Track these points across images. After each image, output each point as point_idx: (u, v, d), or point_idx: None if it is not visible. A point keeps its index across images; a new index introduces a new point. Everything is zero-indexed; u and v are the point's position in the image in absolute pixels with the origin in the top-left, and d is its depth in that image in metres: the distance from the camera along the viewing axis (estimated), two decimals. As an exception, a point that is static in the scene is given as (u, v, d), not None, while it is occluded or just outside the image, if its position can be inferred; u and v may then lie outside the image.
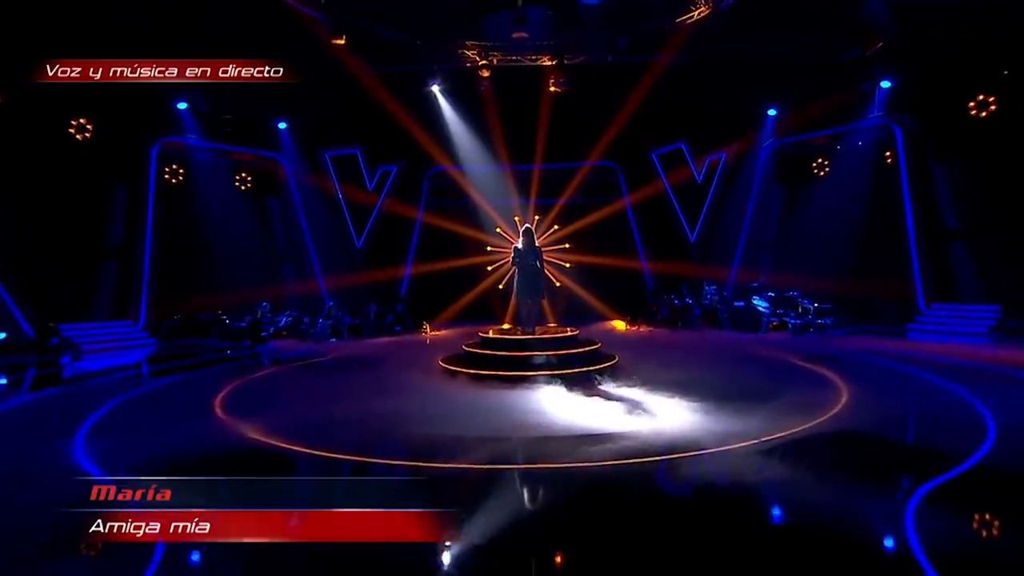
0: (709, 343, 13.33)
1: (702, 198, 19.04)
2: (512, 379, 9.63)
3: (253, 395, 9.37)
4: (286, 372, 11.43)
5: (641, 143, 19.31)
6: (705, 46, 15.84)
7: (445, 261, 19.53)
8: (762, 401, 7.82)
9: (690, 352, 11.75)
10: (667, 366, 10.16)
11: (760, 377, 9.35)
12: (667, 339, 14.45)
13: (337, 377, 10.58)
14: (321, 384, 10.04)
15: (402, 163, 19.60)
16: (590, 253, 19.46)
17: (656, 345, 13.05)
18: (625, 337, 14.98)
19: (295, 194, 18.64)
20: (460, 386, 9.32)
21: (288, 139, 18.38)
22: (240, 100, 17.10)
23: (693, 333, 15.59)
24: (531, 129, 18.23)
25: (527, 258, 10.94)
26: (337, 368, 11.65)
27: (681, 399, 7.94)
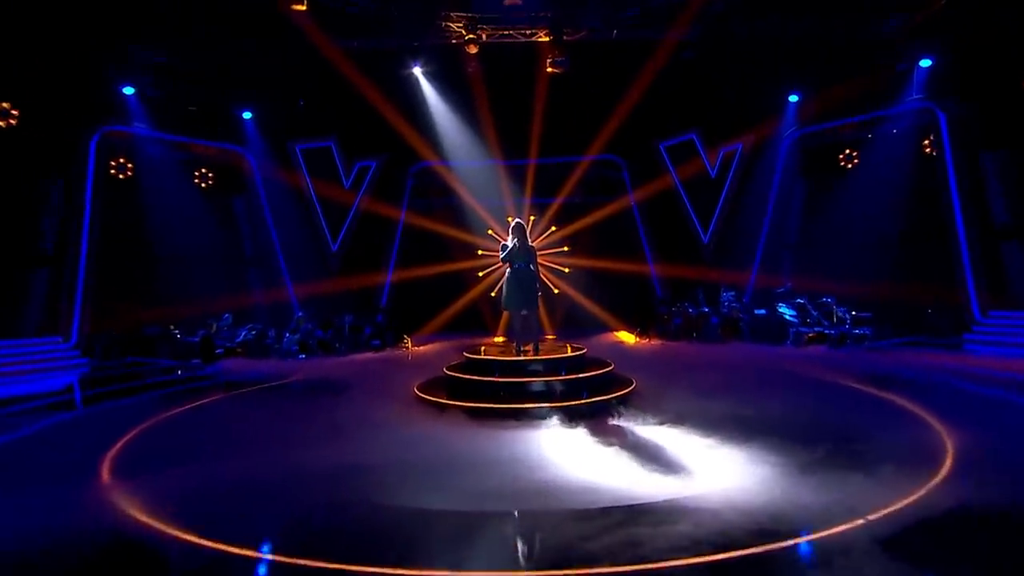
0: (739, 360, 11.31)
1: (716, 194, 17.10)
2: (506, 413, 7.61)
3: (169, 439, 7.30)
4: (229, 402, 9.35)
5: (648, 134, 17.36)
6: (719, 22, 13.95)
7: (431, 267, 17.57)
8: (842, 449, 5.85)
9: (721, 372, 9.73)
10: (699, 393, 8.16)
11: (823, 410, 7.37)
12: (687, 355, 12.42)
13: (289, 410, 8.51)
14: (265, 421, 7.97)
15: (382, 158, 17.58)
16: (592, 257, 17.65)
17: (677, 364, 11.03)
18: (637, 353, 12.96)
19: (261, 192, 16.57)
20: (439, 424, 7.29)
21: (254, 131, 16.34)
22: (197, 85, 15.08)
23: (714, 347, 13.58)
24: (525, 118, 16.24)
25: (518, 259, 8.95)
26: (293, 396, 9.58)
27: (735, 446, 5.95)
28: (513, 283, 8.99)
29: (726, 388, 8.44)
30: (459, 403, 8.00)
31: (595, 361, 9.26)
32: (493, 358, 8.73)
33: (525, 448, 6.30)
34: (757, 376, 9.47)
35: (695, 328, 15.14)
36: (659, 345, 14.52)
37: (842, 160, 15.76)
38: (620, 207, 18.02)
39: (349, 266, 17.31)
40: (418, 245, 18.05)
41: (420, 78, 15.61)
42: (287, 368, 12.14)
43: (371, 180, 17.60)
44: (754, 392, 8.13)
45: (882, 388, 8.30)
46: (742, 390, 8.25)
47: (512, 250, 8.97)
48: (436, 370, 9.46)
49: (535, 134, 16.74)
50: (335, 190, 17.23)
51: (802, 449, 5.78)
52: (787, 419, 6.86)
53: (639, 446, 6.12)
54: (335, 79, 14.73)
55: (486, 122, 16.53)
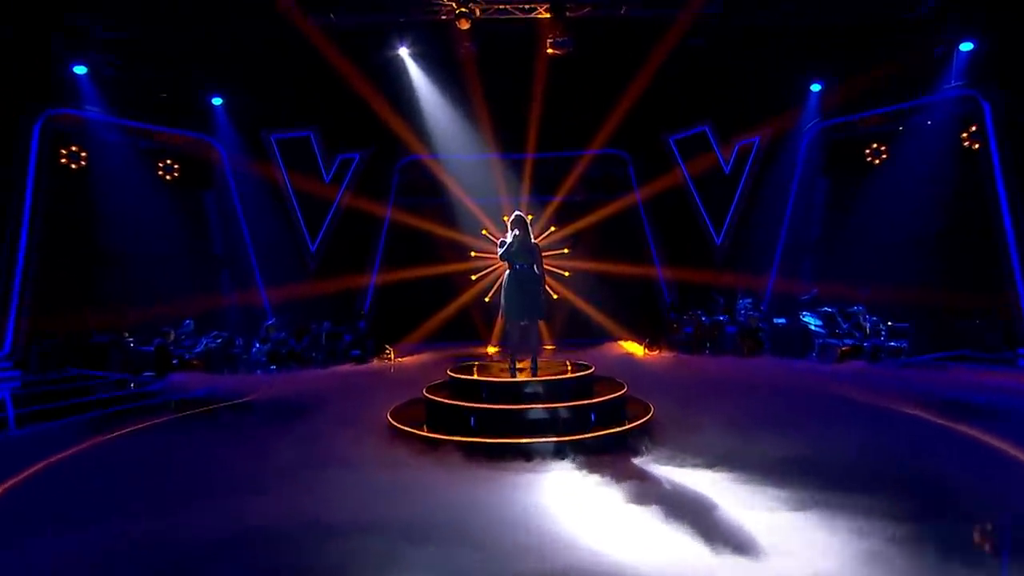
0: (768, 378, 9.83)
1: (730, 192, 15.69)
2: (499, 450, 6.14)
3: (77, 480, 5.83)
4: (170, 427, 7.84)
5: (656, 126, 15.98)
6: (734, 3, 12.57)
7: (419, 269, 16.18)
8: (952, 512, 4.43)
9: (753, 395, 8.28)
10: (736, 424, 6.70)
11: (901, 450, 5.92)
12: (707, 371, 10.93)
13: (238, 440, 7.01)
14: (206, 455, 6.47)
15: (367, 150, 16.11)
16: (594, 259, 16.33)
17: (698, 382, 9.56)
18: (648, 368, 11.48)
19: (232, 186, 15.06)
20: (412, 467, 5.81)
21: (224, 118, 14.84)
22: (161, 66, 13.57)
23: (734, 360, 12.13)
24: (523, 108, 14.85)
25: (520, 259, 7.52)
26: (248, 421, 8.08)
27: (806, 504, 4.53)
28: (514, 287, 7.55)
29: (766, 417, 6.99)
30: (442, 436, 6.54)
31: (604, 381, 7.82)
32: (482, 379, 7.25)
33: (527, 507, 4.82)
34: (799, 400, 7.99)
35: (709, 338, 13.70)
36: (671, 358, 13.08)
37: (868, 155, 14.36)
38: (625, 206, 16.65)
39: (329, 268, 15.81)
40: (405, 246, 16.62)
41: (407, 60, 14.15)
42: (250, 383, 10.64)
43: (354, 174, 16.11)
44: (804, 423, 6.67)
45: (957, 419, 6.87)
46: (788, 420, 6.80)
47: (512, 247, 7.53)
48: (420, 387, 8.00)
49: (533, 125, 15.38)
50: (314, 184, 15.74)
51: (901, 511, 4.34)
52: (861, 464, 5.42)
53: (681, 504, 4.65)
54: (315, 62, 13.28)
55: (480, 111, 15.10)
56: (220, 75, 14.25)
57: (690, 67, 14.10)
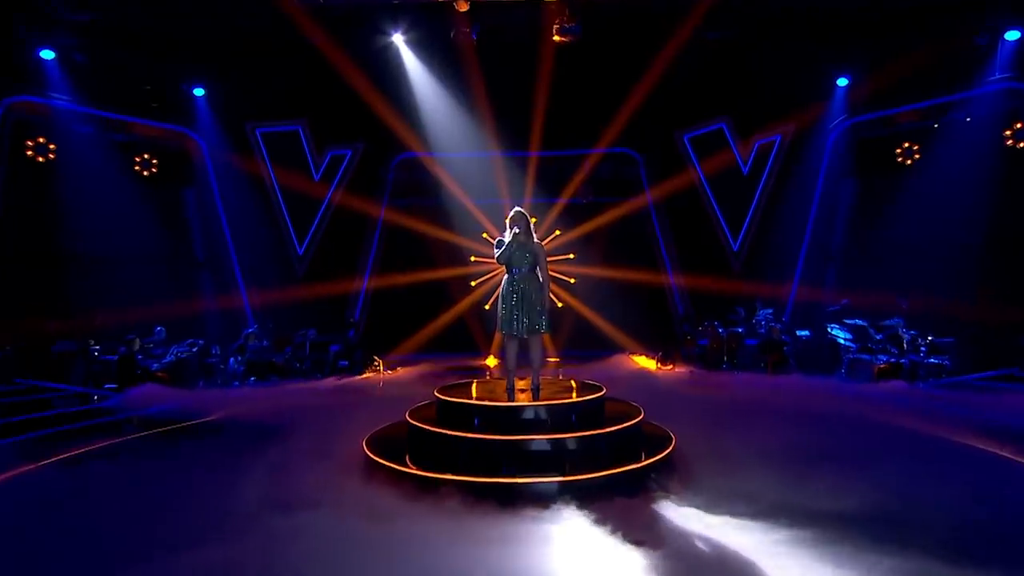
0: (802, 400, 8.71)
1: (749, 194, 14.66)
2: (492, 493, 5.10)
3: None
4: (110, 455, 6.78)
5: (669, 123, 14.96)
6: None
7: (414, 274, 15.19)
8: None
9: (788, 422, 7.20)
10: (775, 460, 5.67)
11: (1001, 503, 4.82)
12: (730, 391, 9.84)
13: (182, 476, 5.96)
14: (139, 495, 5.44)
15: (359, 146, 15.13)
16: (602, 265, 15.31)
17: (722, 405, 8.47)
18: (664, 386, 10.40)
19: (214, 183, 14.09)
20: (386, 515, 4.76)
21: (206, 110, 13.88)
22: (137, 52, 12.62)
23: (757, 378, 11.06)
24: (526, 101, 13.85)
25: (520, 262, 6.51)
26: (203, 448, 7.03)
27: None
28: (512, 296, 6.53)
29: (812, 450, 5.94)
30: (423, 472, 5.52)
31: (617, 404, 6.78)
32: (474, 402, 6.20)
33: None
34: (843, 428, 6.89)
35: (727, 352, 12.63)
36: (687, 374, 12.01)
37: (900, 155, 13.31)
38: (636, 208, 15.63)
39: (317, 272, 14.83)
40: (400, 249, 15.65)
41: (402, 48, 13.17)
42: (218, 399, 9.60)
43: (345, 171, 15.12)
44: (862, 460, 5.59)
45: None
46: (840, 455, 5.73)
47: (511, 248, 6.52)
48: (409, 405, 7.00)
49: (538, 121, 14.37)
50: (303, 182, 14.76)
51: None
52: (955, 519, 4.33)
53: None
54: (303, 50, 12.38)
55: (480, 105, 14.10)
56: (201, 63, 13.29)
57: (706, 59, 13.12)
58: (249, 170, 14.39)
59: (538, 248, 6.76)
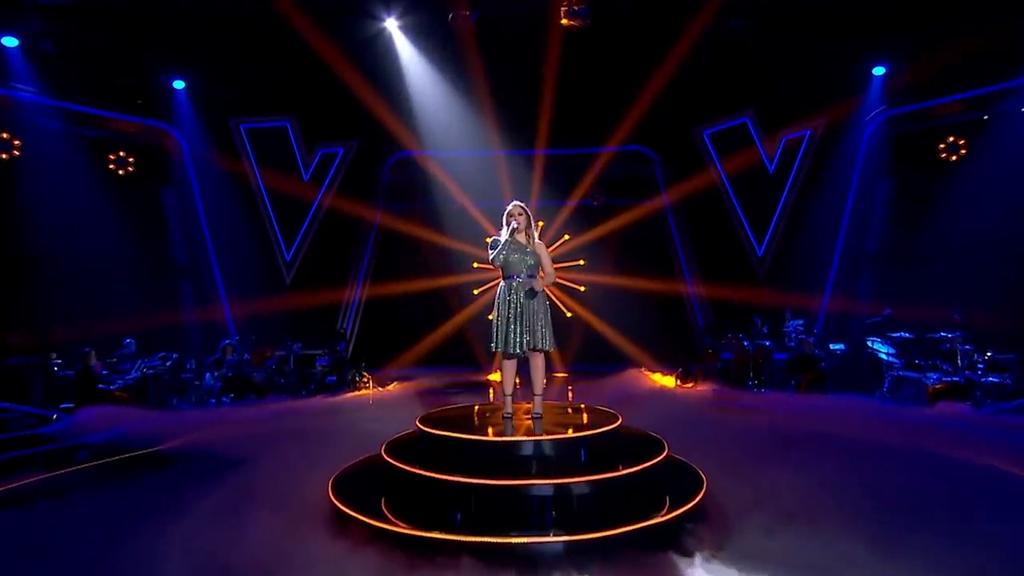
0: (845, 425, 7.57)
1: (775, 195, 13.60)
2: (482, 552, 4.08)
3: None
4: (30, 493, 5.76)
5: (688, 118, 13.98)
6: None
7: (411, 281, 14.26)
8: None
9: (841, 457, 6.06)
10: (838, 510, 4.56)
11: None
12: (762, 414, 8.65)
13: (106, 527, 4.93)
14: (50, 555, 4.42)
15: (352, 144, 14.23)
16: (614, 272, 14.35)
17: (756, 433, 7.33)
18: (686, 408, 9.26)
19: (194, 182, 13.20)
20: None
21: (186, 104, 12.99)
22: (111, 40, 11.73)
23: (790, 398, 9.93)
24: (532, 94, 12.90)
25: (518, 265, 5.54)
26: (143, 487, 5.97)
27: None
28: (510, 307, 5.53)
29: (880, 496, 4.83)
30: (399, 527, 4.49)
31: (634, 433, 5.75)
32: (461, 436, 5.15)
33: None
34: (918, 470, 5.65)
35: (753, 368, 11.52)
36: (710, 393, 10.90)
37: (943, 150, 12.19)
38: (651, 210, 14.65)
39: (306, 279, 13.92)
40: (395, 254, 14.75)
41: (396, 35, 12.21)
42: (183, 421, 8.59)
43: (337, 171, 14.20)
44: (953, 519, 4.42)
45: None
46: (921, 510, 4.58)
47: (507, 248, 5.52)
48: (399, 428, 6.02)
49: (544, 116, 13.43)
50: (291, 183, 13.85)
51: None
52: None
53: None
54: (291, 39, 11.45)
55: (482, 98, 13.11)
56: (181, 53, 12.35)
57: (728, 47, 12.07)
58: (233, 169, 13.50)
59: (540, 249, 5.76)
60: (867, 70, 12.45)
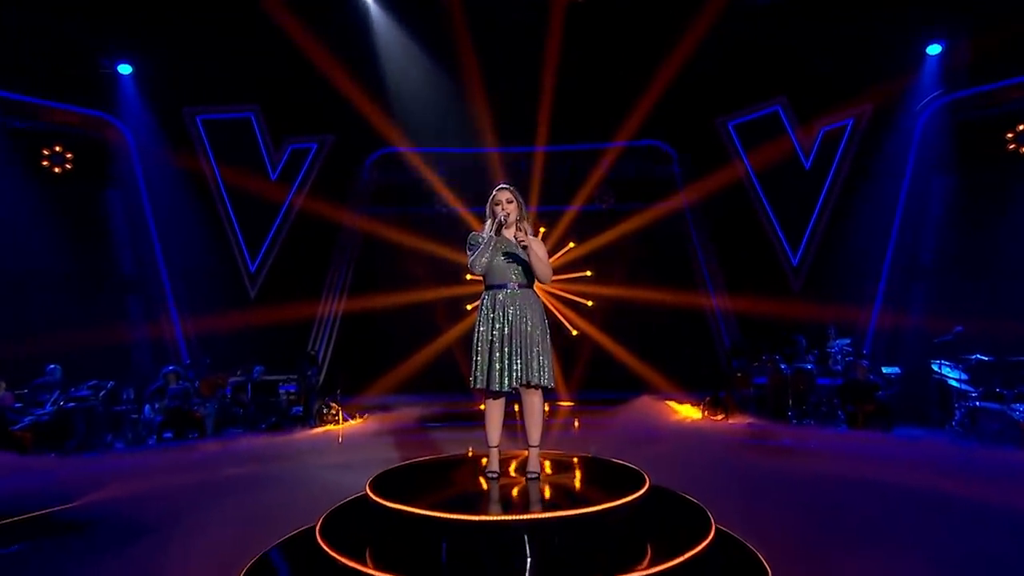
0: (938, 475, 6.00)
1: (812, 194, 12.21)
2: None
3: None
4: None
5: (710, 107, 12.66)
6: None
7: (393, 295, 12.92)
8: None
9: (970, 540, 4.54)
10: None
11: None
12: (824, 460, 7.04)
13: None
14: None
15: (327, 138, 12.97)
16: (626, 284, 13.07)
17: (823, 489, 5.79)
18: (723, 452, 7.69)
19: (141, 182, 11.85)
20: None
21: (133, 91, 11.68)
22: (45, 19, 10.46)
23: (849, 436, 8.40)
24: (531, 82, 11.70)
25: (502, 270, 4.21)
26: None
27: None
28: (493, 325, 4.24)
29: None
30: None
31: (666, 501, 4.31)
32: (423, 512, 3.67)
33: None
34: None
35: (794, 396, 10.03)
36: (746, 428, 9.39)
37: (1011, 140, 10.79)
38: (668, 213, 13.35)
39: (273, 293, 12.58)
40: (376, 265, 13.43)
41: (376, 13, 10.92)
42: (96, 470, 7.10)
43: (310, 170, 12.93)
44: None
45: None
46: None
47: (491, 249, 4.20)
48: (356, 486, 4.59)
49: (545, 106, 12.18)
50: (256, 182, 12.53)
51: None
52: None
53: None
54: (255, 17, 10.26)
55: (475, 87, 11.90)
56: (128, 33, 11.09)
57: (756, 26, 10.85)
58: (188, 167, 12.17)
59: (537, 247, 4.37)
60: (920, 48, 11.08)
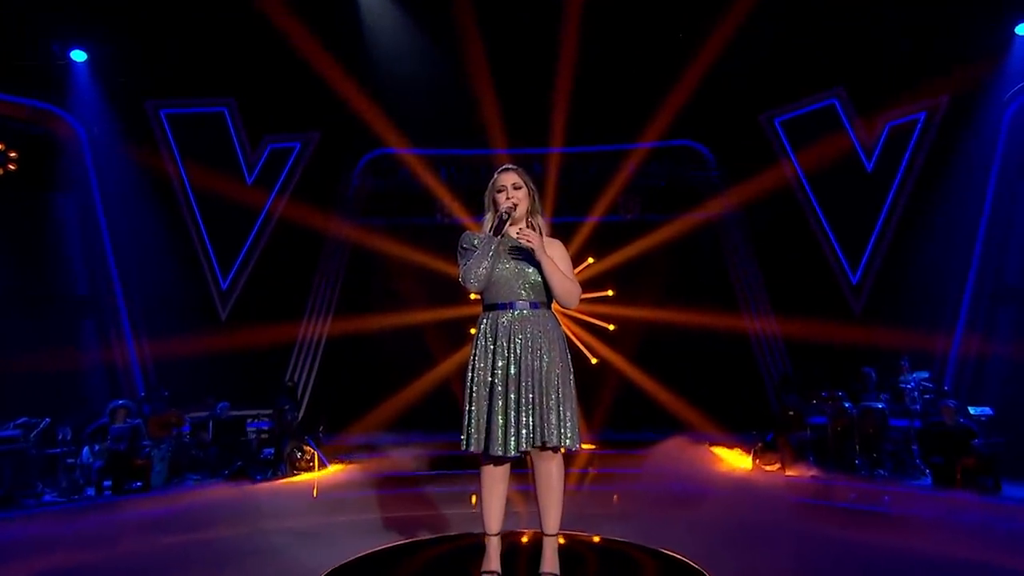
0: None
1: (876, 201, 10.94)
2: None
3: None
4: None
5: (752, 101, 11.53)
6: None
7: (385, 316, 11.83)
8: None
9: None
10: None
11: None
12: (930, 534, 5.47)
13: None
14: None
15: (312, 136, 11.90)
16: (653, 305, 11.75)
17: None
18: (784, 520, 6.34)
19: (94, 185, 10.79)
20: None
21: (88, 82, 10.64)
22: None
23: (947, 500, 6.99)
24: (545, 73, 10.75)
25: (508, 285, 3.29)
26: None
27: None
28: (494, 359, 3.22)
29: None
30: None
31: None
32: None
33: None
34: None
35: (862, 442, 8.66)
36: (809, 483, 8.03)
37: (1116, 137, 9.54)
38: (703, 224, 12.15)
39: (248, 313, 11.42)
40: (367, 282, 12.34)
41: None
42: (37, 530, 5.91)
43: (292, 172, 11.86)
44: None
45: None
46: None
47: (490, 253, 3.29)
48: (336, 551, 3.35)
49: (561, 102, 11.15)
50: (230, 186, 11.40)
51: None
52: None
53: None
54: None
55: (482, 80, 10.86)
56: (82, 16, 10.11)
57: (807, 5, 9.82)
58: (150, 168, 11.04)
59: (557, 253, 3.25)
60: (1007, 27, 9.85)
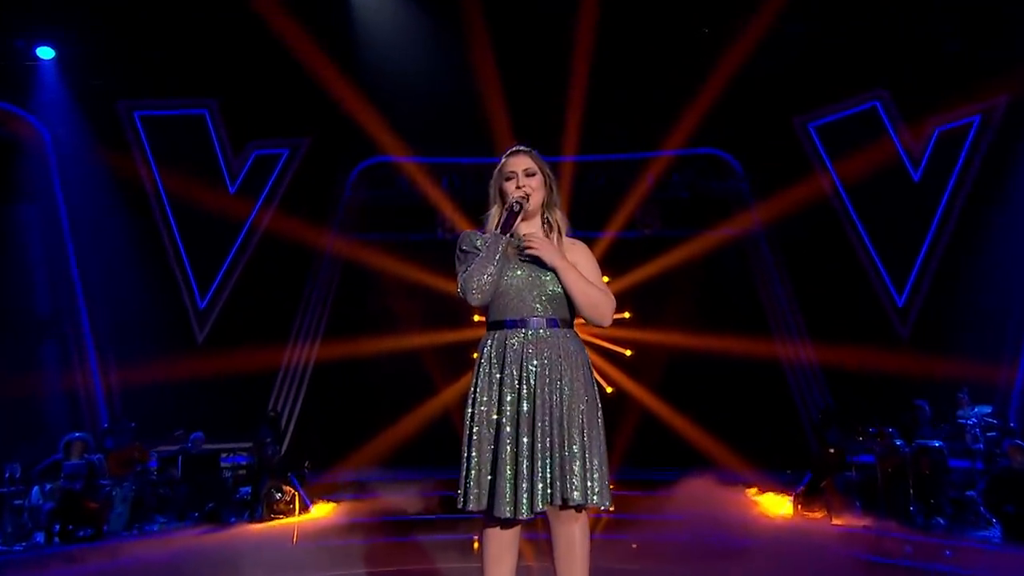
0: None
1: (924, 214, 10.45)
2: None
3: None
4: None
5: (785, 104, 11.11)
6: None
7: (380, 340, 11.28)
8: None
9: None
10: None
11: None
12: None
13: None
14: None
15: (301, 143, 11.50)
16: (675, 329, 11.25)
17: None
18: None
19: (59, 193, 10.30)
20: None
21: (54, 81, 10.23)
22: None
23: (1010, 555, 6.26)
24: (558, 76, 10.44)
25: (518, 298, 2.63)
26: None
27: None
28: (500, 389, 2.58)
29: None
30: None
31: None
32: None
33: None
34: None
35: (916, 485, 7.92)
36: (861, 533, 7.27)
37: None
38: (730, 240, 11.68)
39: (228, 335, 10.85)
40: (360, 301, 11.82)
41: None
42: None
43: (279, 181, 11.46)
44: None
45: None
46: None
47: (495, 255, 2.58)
48: None
49: (575, 108, 10.77)
50: (210, 196, 10.95)
51: None
52: None
53: None
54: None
55: (488, 82, 10.49)
56: (49, 9, 9.69)
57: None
58: (122, 175, 10.58)
59: (582, 258, 2.64)
60: (1067, 23, 9.38)
